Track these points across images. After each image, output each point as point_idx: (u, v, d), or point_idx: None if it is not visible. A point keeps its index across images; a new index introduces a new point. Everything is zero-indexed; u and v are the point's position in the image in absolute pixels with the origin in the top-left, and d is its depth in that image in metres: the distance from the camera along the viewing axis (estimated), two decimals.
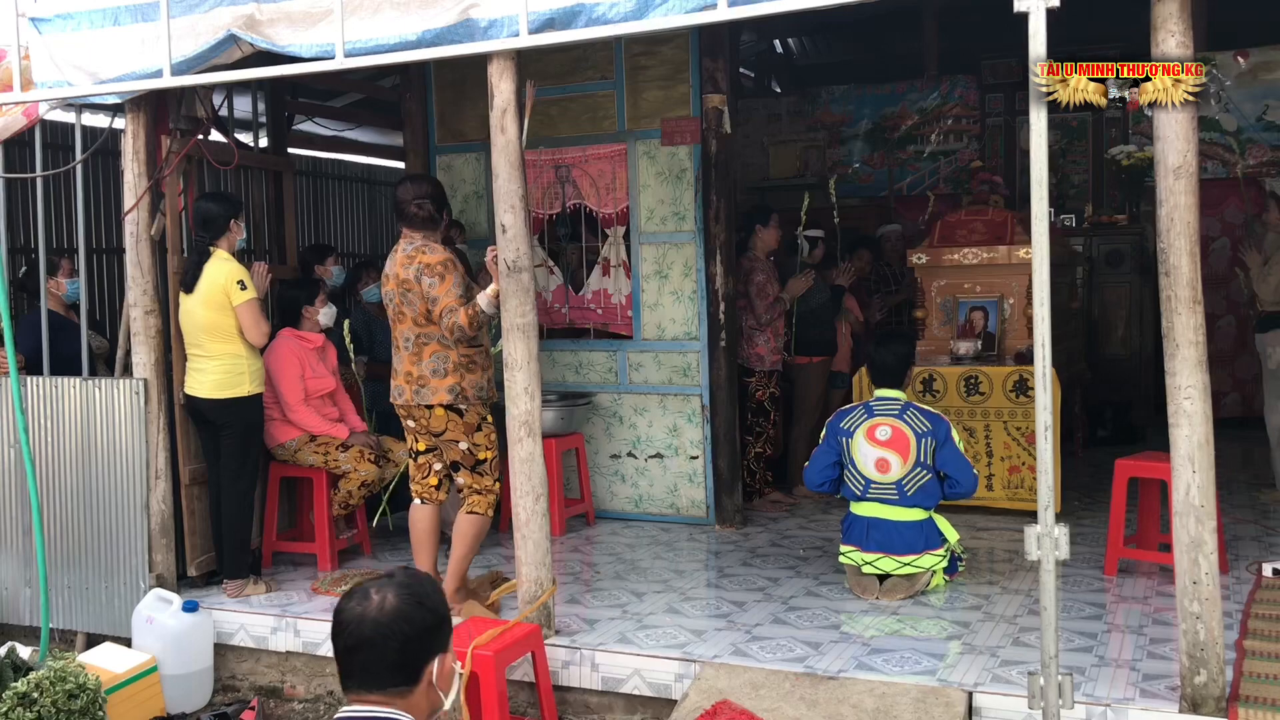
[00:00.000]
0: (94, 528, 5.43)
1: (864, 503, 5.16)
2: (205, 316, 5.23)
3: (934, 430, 5.09)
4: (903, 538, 5.08)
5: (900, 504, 5.09)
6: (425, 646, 2.04)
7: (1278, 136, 9.41)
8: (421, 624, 2.03)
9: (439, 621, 2.08)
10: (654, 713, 4.40)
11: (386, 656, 2.00)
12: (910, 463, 5.06)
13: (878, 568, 5.12)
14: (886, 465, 5.09)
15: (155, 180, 5.37)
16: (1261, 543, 5.77)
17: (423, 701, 2.05)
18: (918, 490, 5.07)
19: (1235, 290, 8.87)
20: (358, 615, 2.02)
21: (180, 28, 4.80)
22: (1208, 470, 3.63)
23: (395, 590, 2.04)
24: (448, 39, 4.37)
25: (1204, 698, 3.64)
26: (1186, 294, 3.58)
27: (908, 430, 5.09)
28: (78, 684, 4.21)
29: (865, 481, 5.14)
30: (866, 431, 5.16)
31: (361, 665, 2.02)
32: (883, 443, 5.11)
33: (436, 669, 2.06)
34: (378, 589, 2.05)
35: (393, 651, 2.00)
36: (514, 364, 4.49)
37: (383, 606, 2.01)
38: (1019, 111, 10.10)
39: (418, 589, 2.07)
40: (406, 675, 2.02)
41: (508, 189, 4.45)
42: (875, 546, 5.11)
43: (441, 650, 2.08)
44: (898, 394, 5.27)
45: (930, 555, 5.11)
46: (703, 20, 4.08)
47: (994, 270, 6.92)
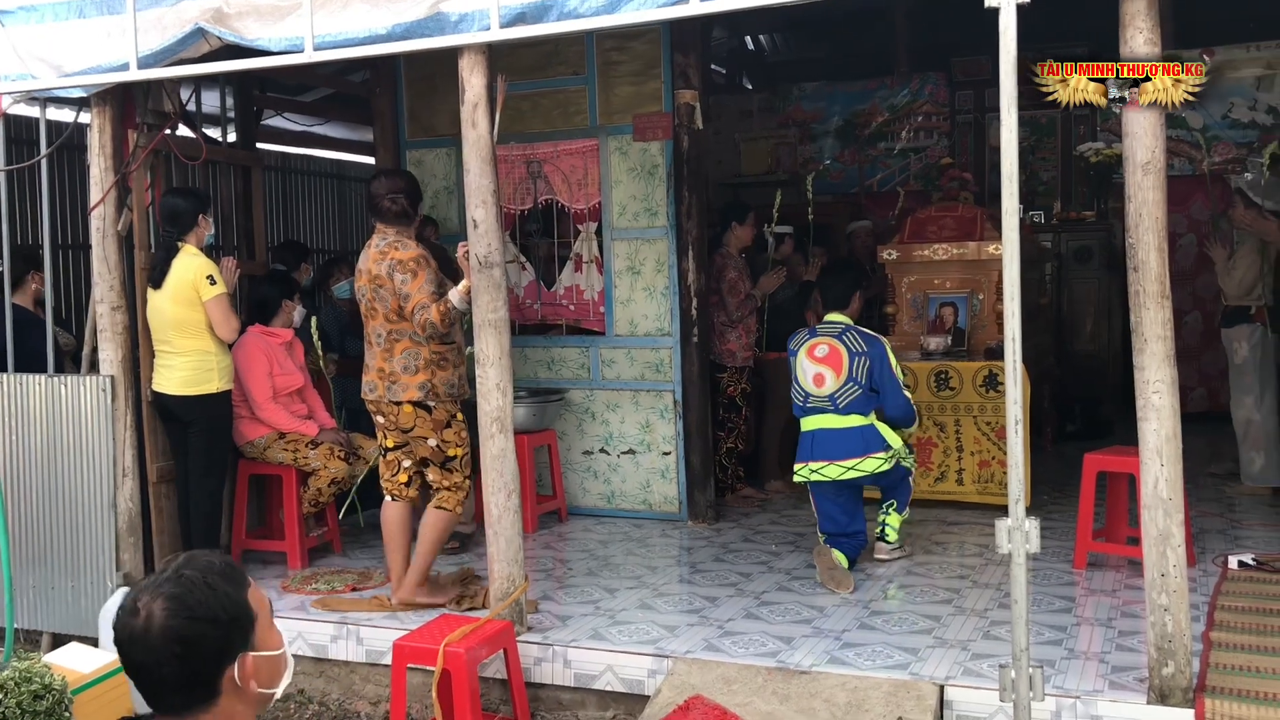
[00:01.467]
0: (60, 526, 5.37)
1: (807, 416, 5.46)
2: (174, 312, 5.18)
3: (869, 350, 5.41)
4: (843, 443, 5.34)
5: (836, 413, 5.37)
6: (208, 660, 1.77)
7: (1242, 134, 9.51)
8: (197, 639, 1.75)
9: (220, 629, 1.77)
10: (626, 709, 4.40)
11: (166, 681, 1.75)
12: (843, 378, 5.36)
13: (824, 474, 5.35)
14: (822, 379, 5.41)
15: (122, 175, 5.31)
16: (1227, 535, 5.84)
17: (235, 706, 1.81)
18: (849, 402, 5.36)
19: (1202, 286, 8.98)
20: (126, 636, 1.77)
21: (147, 21, 4.75)
22: (1175, 464, 3.66)
23: (162, 603, 1.75)
24: (418, 32, 4.34)
25: (1172, 689, 3.68)
26: (1155, 289, 3.61)
27: (843, 349, 5.41)
28: (43, 684, 4.15)
29: (805, 395, 5.46)
30: (808, 350, 5.50)
31: (149, 690, 1.78)
32: (820, 359, 5.44)
33: (239, 673, 1.79)
34: (146, 599, 1.77)
35: (170, 675, 1.75)
36: (486, 360, 4.47)
37: (149, 626, 1.74)
38: (988, 108, 10.16)
39: (187, 597, 1.76)
40: (198, 694, 1.77)
41: (479, 184, 4.43)
42: (821, 455, 5.37)
43: (238, 652, 1.80)
44: (843, 318, 5.59)
45: (872, 459, 5.32)
46: (674, 15, 4.08)
47: (964, 266, 6.97)
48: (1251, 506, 6.46)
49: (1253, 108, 9.51)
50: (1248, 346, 6.65)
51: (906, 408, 5.45)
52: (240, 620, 1.81)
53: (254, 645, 1.83)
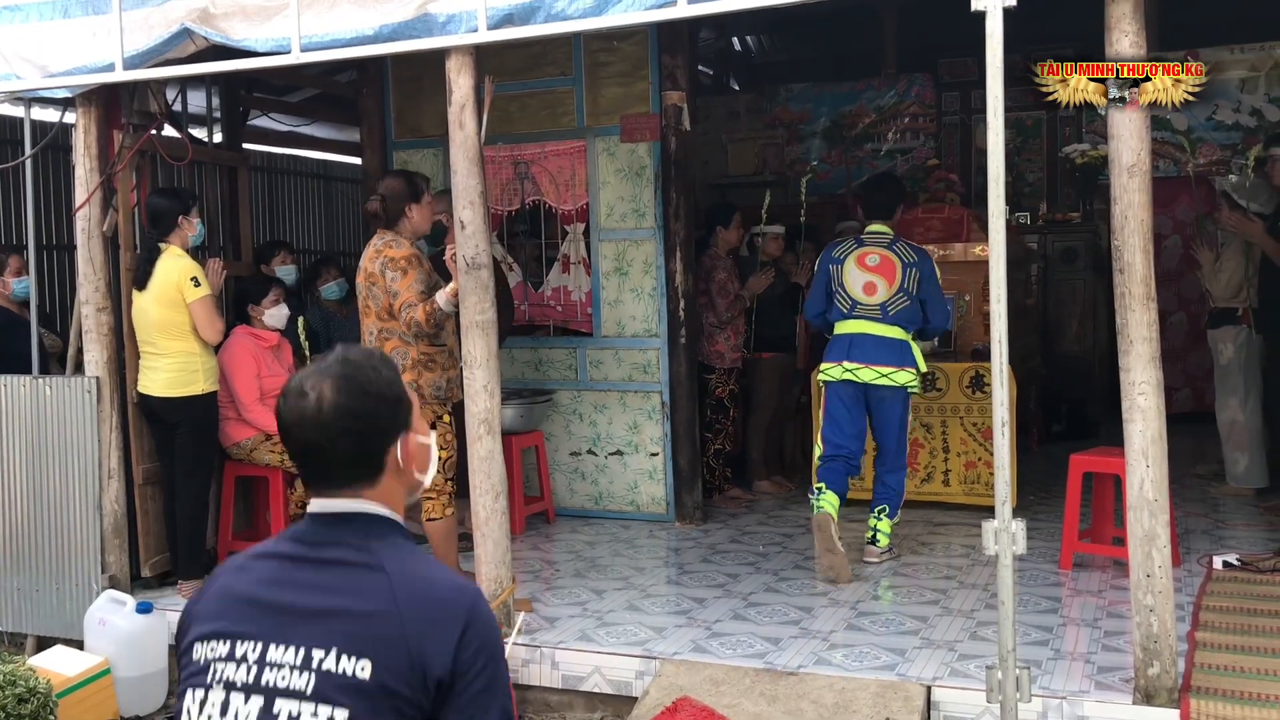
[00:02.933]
0: (45, 529, 5.34)
1: (850, 320, 5.55)
2: (158, 314, 5.16)
3: (919, 262, 5.55)
4: (883, 350, 5.47)
5: (883, 321, 5.50)
6: (380, 436, 1.83)
7: (1227, 136, 9.57)
8: (370, 415, 1.81)
9: (391, 406, 1.85)
10: (614, 710, 4.40)
11: (339, 456, 1.81)
12: (895, 287, 5.50)
13: (858, 376, 5.46)
14: (874, 288, 5.53)
15: (107, 176, 5.29)
16: (1212, 536, 5.87)
17: (395, 486, 1.87)
18: (898, 312, 5.50)
19: (1187, 287, 9.01)
20: (297, 418, 1.80)
21: (133, 21, 4.73)
22: (1161, 465, 3.68)
23: (332, 383, 1.79)
24: (405, 34, 4.33)
25: (1157, 689, 3.69)
26: (1140, 290, 3.62)
27: (895, 259, 5.54)
28: (28, 688, 4.13)
29: (852, 302, 5.56)
30: (857, 258, 5.59)
31: (317, 468, 1.83)
32: (871, 268, 5.55)
33: (401, 452, 1.86)
34: (313, 382, 1.80)
35: (345, 450, 1.80)
36: (473, 361, 4.47)
37: (321, 406, 1.78)
38: (975, 110, 10.20)
39: (359, 376, 1.82)
40: (368, 469, 1.83)
41: (466, 185, 4.42)
42: (858, 357, 5.47)
43: (402, 431, 1.87)
44: (887, 228, 5.69)
45: (904, 372, 5.46)
46: (661, 17, 4.08)
47: (950, 267, 6.97)
48: (1236, 507, 6.49)
49: (1237, 110, 9.56)
50: (1233, 348, 6.69)
51: (948, 318, 5.76)
52: (404, 401, 1.88)
53: (413, 428, 1.90)
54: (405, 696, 1.67)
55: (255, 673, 1.71)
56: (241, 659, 1.73)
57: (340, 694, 1.67)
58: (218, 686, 1.74)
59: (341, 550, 1.78)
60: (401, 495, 1.89)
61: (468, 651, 1.70)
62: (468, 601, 1.76)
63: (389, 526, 1.84)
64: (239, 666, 1.73)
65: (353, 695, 1.67)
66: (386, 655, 1.68)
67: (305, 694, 1.69)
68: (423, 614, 1.71)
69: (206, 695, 1.75)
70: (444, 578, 1.79)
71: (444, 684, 1.69)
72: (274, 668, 1.71)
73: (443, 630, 1.70)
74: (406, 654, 1.68)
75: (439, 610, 1.72)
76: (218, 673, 1.74)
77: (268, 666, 1.71)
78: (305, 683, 1.69)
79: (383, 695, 1.67)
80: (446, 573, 1.83)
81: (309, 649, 1.70)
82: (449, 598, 1.75)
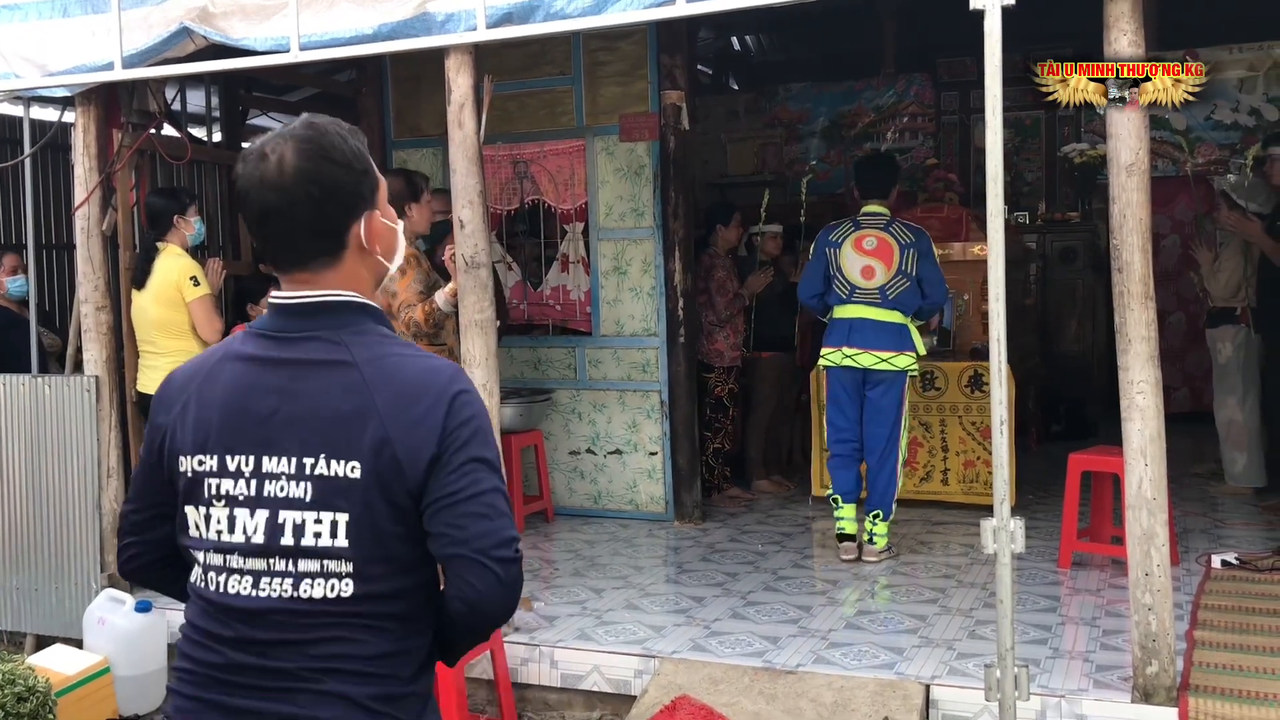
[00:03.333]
0: (44, 527, 5.34)
1: (849, 305, 5.55)
2: (157, 313, 5.16)
3: (916, 242, 5.53)
4: (882, 335, 5.48)
5: (882, 306, 5.49)
6: (343, 207, 1.74)
7: (1225, 135, 9.56)
8: (332, 181, 1.71)
9: (355, 175, 1.75)
10: (613, 709, 4.40)
11: (298, 224, 1.71)
12: (893, 270, 5.48)
13: (857, 362, 5.48)
14: (871, 272, 5.51)
15: (106, 175, 5.29)
16: (1210, 535, 5.87)
17: (359, 269, 1.79)
18: (898, 295, 5.49)
19: (1185, 286, 9.01)
20: (256, 181, 1.70)
21: (132, 20, 4.73)
22: (1159, 464, 3.68)
23: (294, 145, 1.70)
24: (404, 33, 4.34)
25: (1156, 687, 3.70)
26: (1139, 290, 3.63)
27: (892, 241, 5.52)
28: (27, 687, 4.13)
29: (851, 287, 5.55)
30: (854, 242, 5.58)
31: (275, 237, 1.73)
32: (869, 252, 5.54)
33: (365, 230, 1.77)
34: (275, 145, 1.71)
35: (304, 218, 1.70)
36: (472, 360, 4.47)
37: (283, 169, 1.69)
38: (974, 109, 10.19)
39: (322, 139, 1.72)
40: (328, 243, 1.74)
41: (465, 184, 4.42)
42: (858, 342, 5.49)
43: (367, 208, 1.77)
44: (883, 209, 5.65)
45: (904, 356, 5.48)
46: (660, 16, 4.08)
47: (949, 267, 6.95)
48: (1234, 506, 6.49)
49: (1235, 109, 9.56)
50: (1232, 347, 6.69)
51: (946, 294, 5.72)
52: (370, 174, 1.79)
53: (378, 208, 1.81)
54: (398, 488, 1.67)
55: (256, 485, 1.70)
56: (237, 473, 1.72)
57: (337, 497, 1.67)
58: (219, 504, 1.72)
59: (310, 346, 1.73)
60: (368, 281, 1.82)
61: (451, 428, 1.68)
62: (444, 381, 1.72)
63: (356, 312, 1.77)
64: (236, 481, 1.72)
65: (348, 497, 1.67)
66: (372, 453, 1.67)
67: (305, 502, 1.69)
68: (400, 406, 1.69)
69: (209, 511, 1.73)
70: (417, 364, 1.74)
71: (434, 460, 1.67)
72: (271, 479, 1.70)
73: (424, 418, 1.68)
74: (391, 447, 1.67)
75: (416, 399, 1.69)
76: (214, 488, 1.73)
77: (267, 479, 1.70)
78: (304, 491, 1.69)
79: (377, 491, 1.67)
80: (421, 358, 1.76)
81: (300, 457, 1.69)
82: (425, 381, 1.71)
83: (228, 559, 1.72)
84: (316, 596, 1.68)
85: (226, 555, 1.72)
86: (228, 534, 1.72)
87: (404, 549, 1.70)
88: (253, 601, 1.70)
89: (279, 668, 1.68)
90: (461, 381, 1.74)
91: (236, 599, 1.71)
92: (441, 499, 1.67)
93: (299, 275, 1.76)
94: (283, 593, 1.69)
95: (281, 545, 1.69)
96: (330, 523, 1.68)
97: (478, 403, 1.75)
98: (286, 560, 1.69)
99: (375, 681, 1.69)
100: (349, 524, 1.67)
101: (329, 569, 1.68)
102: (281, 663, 1.68)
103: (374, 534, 1.68)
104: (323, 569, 1.68)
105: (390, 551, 1.69)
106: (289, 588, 1.69)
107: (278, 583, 1.69)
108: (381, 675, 1.70)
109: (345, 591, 1.68)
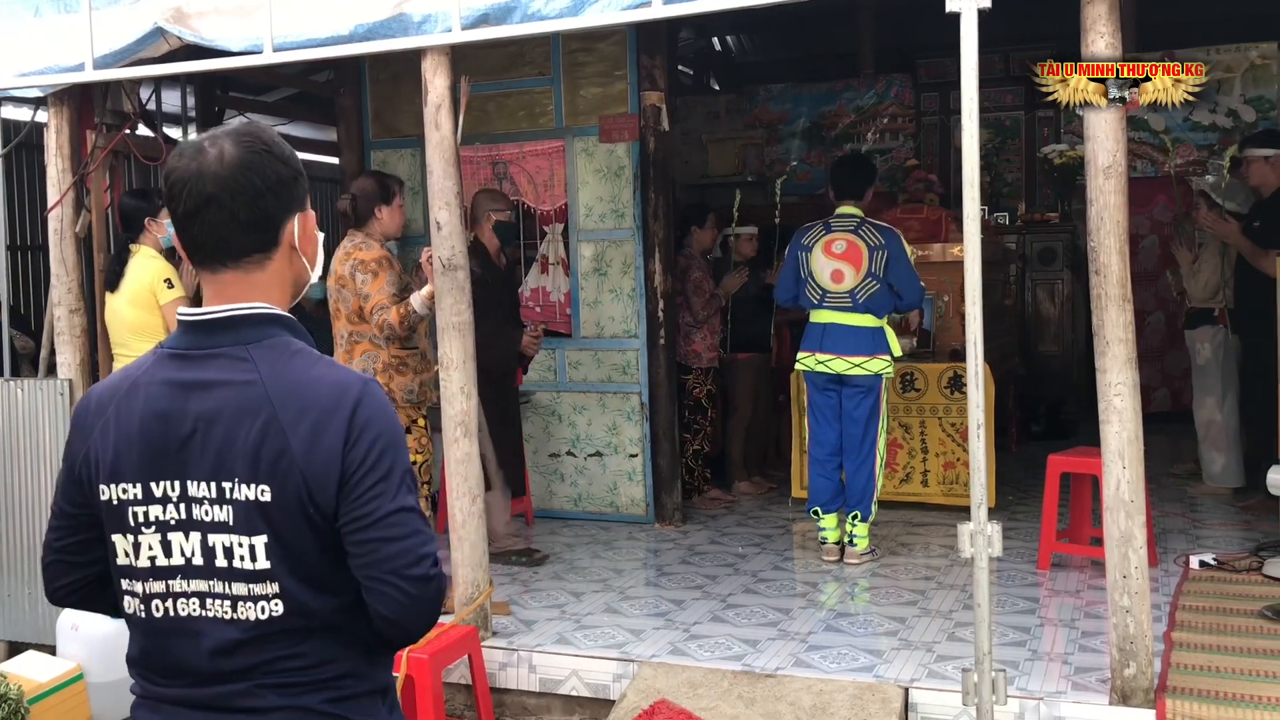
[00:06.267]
0: (16, 533, 5.28)
1: (821, 310, 5.54)
2: (131, 316, 5.11)
3: (886, 244, 5.46)
4: (855, 340, 5.46)
5: (854, 310, 5.46)
6: (280, 202, 1.74)
7: (1203, 136, 9.60)
8: (273, 174, 1.72)
9: (293, 172, 1.76)
10: (592, 713, 4.38)
11: (237, 215, 1.70)
12: (862, 273, 5.44)
13: (830, 368, 5.49)
14: (841, 276, 5.48)
15: (80, 176, 5.24)
16: (1189, 535, 5.89)
17: (285, 272, 1.79)
18: (868, 298, 5.44)
19: (1164, 287, 9.04)
20: (194, 172, 1.69)
21: (105, 20, 4.68)
22: (1137, 465, 3.68)
23: (234, 139, 1.71)
24: (380, 33, 4.30)
25: (1133, 689, 3.70)
26: (1116, 292, 3.63)
27: (861, 244, 5.47)
28: None
29: (822, 292, 5.53)
30: (824, 245, 5.54)
31: (210, 229, 1.71)
32: (838, 255, 5.50)
33: (298, 228, 1.78)
34: (212, 140, 1.71)
35: (243, 208, 1.70)
36: (450, 363, 4.44)
37: (222, 159, 1.69)
38: (954, 111, 10.19)
39: (262, 135, 1.75)
40: (262, 237, 1.73)
41: (443, 186, 4.39)
42: (831, 348, 5.48)
43: (300, 209, 1.79)
44: (856, 210, 5.60)
45: (878, 360, 5.46)
46: (638, 18, 4.06)
47: (929, 268, 6.97)
48: (1213, 506, 6.52)
49: (1213, 110, 9.59)
50: (1210, 348, 6.71)
51: (922, 294, 5.63)
52: (304, 177, 1.80)
53: (309, 212, 1.83)
54: (311, 509, 1.66)
55: (185, 509, 1.70)
56: (164, 499, 1.70)
57: (255, 520, 1.67)
58: (149, 530, 1.71)
59: (219, 366, 1.71)
60: (287, 285, 1.81)
61: (358, 447, 1.67)
62: (350, 398, 1.69)
63: (269, 324, 1.75)
64: (164, 506, 1.70)
65: (265, 519, 1.66)
66: (281, 475, 1.66)
67: (230, 526, 1.68)
68: (303, 423, 1.66)
69: (137, 539, 1.72)
70: (324, 377, 1.71)
71: (341, 481, 1.66)
72: (197, 504, 1.69)
73: (325, 436, 1.66)
74: (298, 468, 1.65)
75: (319, 414, 1.67)
76: (141, 515, 1.72)
77: (193, 503, 1.69)
78: (227, 515, 1.68)
79: (290, 512, 1.66)
80: (329, 370, 1.73)
81: (219, 481, 1.68)
82: (329, 395, 1.69)
83: (170, 584, 1.72)
84: (251, 620, 1.68)
85: (168, 580, 1.71)
86: (163, 558, 1.71)
87: (327, 567, 1.69)
88: (201, 623, 1.70)
89: (232, 689, 1.69)
90: (368, 397, 1.71)
91: (187, 621, 1.71)
92: (351, 521, 1.67)
93: (226, 275, 1.75)
94: (223, 614, 1.69)
95: (217, 567, 1.69)
96: (249, 546, 1.67)
97: (382, 415, 1.72)
98: (224, 582, 1.69)
99: (328, 687, 1.71)
100: (267, 546, 1.67)
101: (255, 592, 1.68)
102: (234, 684, 1.69)
103: (295, 554, 1.67)
104: (249, 592, 1.68)
105: (313, 571, 1.69)
106: (229, 609, 1.69)
107: (220, 604, 1.69)
108: (329, 680, 1.71)
109: (276, 611, 1.68)
